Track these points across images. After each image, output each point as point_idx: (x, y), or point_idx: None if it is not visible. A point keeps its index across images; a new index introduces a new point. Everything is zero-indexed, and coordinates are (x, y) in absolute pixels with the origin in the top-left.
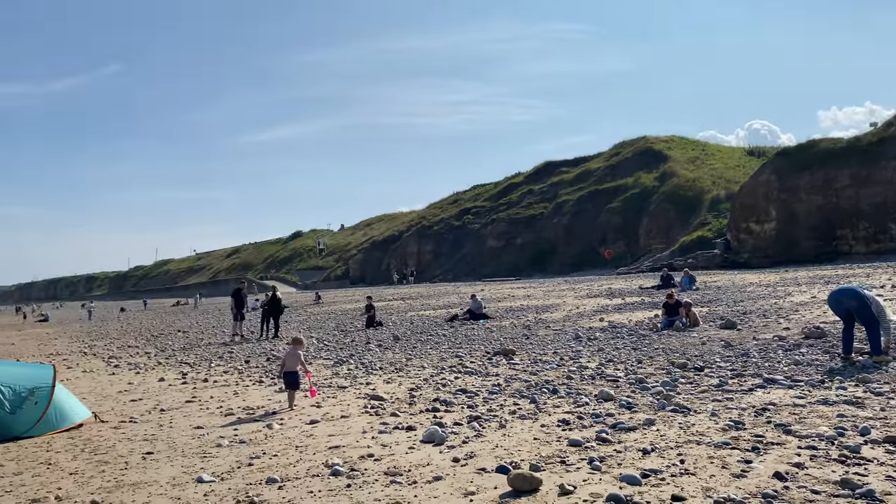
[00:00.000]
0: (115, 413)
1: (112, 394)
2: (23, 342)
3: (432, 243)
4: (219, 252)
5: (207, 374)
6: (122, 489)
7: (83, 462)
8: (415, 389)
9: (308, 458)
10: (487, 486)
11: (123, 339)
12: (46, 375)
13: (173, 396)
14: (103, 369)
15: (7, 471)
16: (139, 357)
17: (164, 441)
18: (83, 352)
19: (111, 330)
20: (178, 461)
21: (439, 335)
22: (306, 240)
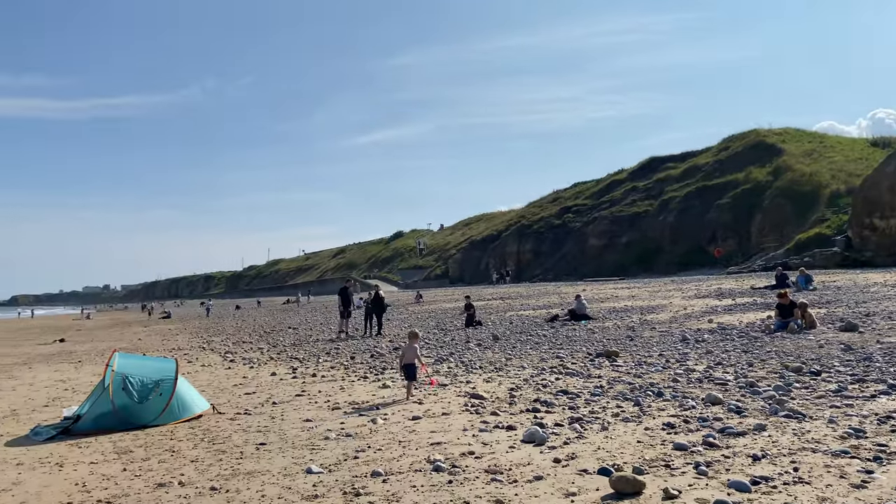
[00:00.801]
0: (231, 405)
1: (228, 387)
2: (148, 337)
3: (532, 242)
4: (325, 252)
5: (316, 369)
6: (238, 477)
7: (203, 451)
8: (515, 389)
9: (411, 453)
10: (589, 488)
11: (238, 335)
12: (170, 369)
13: (284, 390)
14: (220, 364)
15: (136, 456)
16: (253, 352)
17: (276, 433)
18: (202, 347)
19: (227, 326)
20: (289, 452)
21: (539, 335)
22: (407, 240)
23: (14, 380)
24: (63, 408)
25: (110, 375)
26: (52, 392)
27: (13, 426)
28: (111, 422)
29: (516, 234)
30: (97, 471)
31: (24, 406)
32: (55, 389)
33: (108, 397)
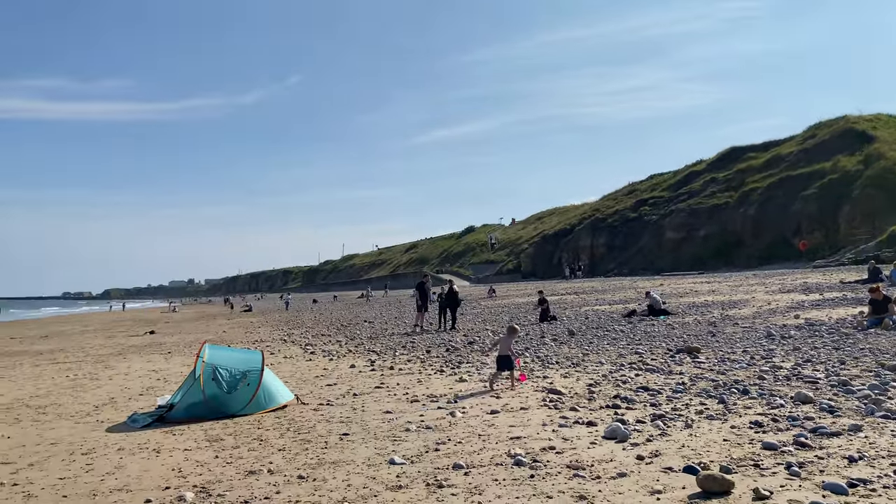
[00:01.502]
0: (314, 396)
1: (310, 378)
2: (232, 330)
3: (606, 236)
4: (398, 247)
5: (393, 362)
6: (324, 466)
7: (289, 440)
8: (593, 385)
9: (491, 446)
10: (675, 486)
11: (317, 328)
12: (256, 360)
13: (364, 382)
14: (301, 356)
15: (226, 444)
16: (331, 345)
17: (358, 424)
18: (283, 339)
19: (306, 320)
20: (372, 443)
21: (616, 331)
22: (478, 234)
23: (111, 369)
24: (157, 396)
25: (201, 366)
26: (145, 381)
27: (112, 413)
28: (202, 411)
29: (590, 227)
30: (191, 457)
31: (120, 394)
32: (148, 379)
33: (199, 387)
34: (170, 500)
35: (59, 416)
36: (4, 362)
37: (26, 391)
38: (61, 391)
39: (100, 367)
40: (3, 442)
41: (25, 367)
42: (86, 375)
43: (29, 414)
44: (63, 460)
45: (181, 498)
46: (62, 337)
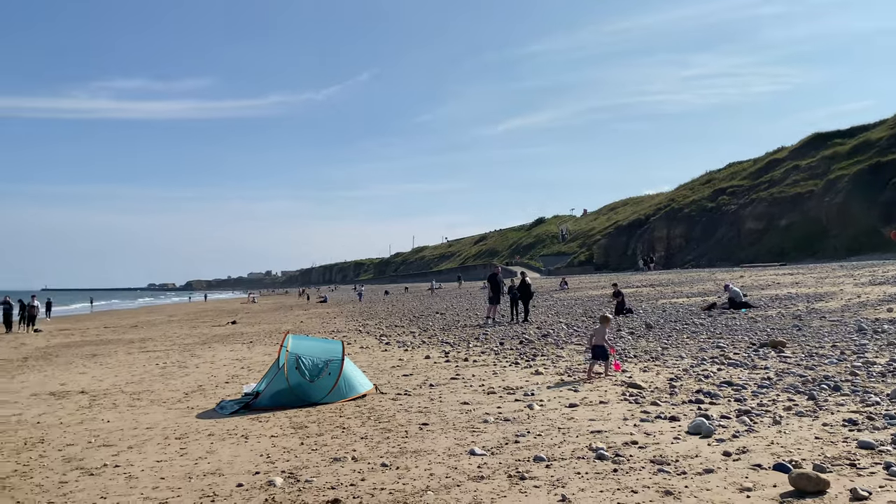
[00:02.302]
0: (392, 386)
1: (386, 368)
2: (309, 320)
3: (682, 227)
4: (467, 239)
5: (467, 353)
6: (406, 455)
7: (370, 428)
8: (674, 379)
9: (571, 440)
10: (765, 484)
11: (390, 319)
12: (337, 350)
13: (439, 373)
14: (376, 346)
15: (311, 431)
16: (405, 336)
17: (437, 414)
18: (358, 330)
19: (379, 311)
20: (451, 434)
21: (696, 324)
22: (549, 226)
23: (197, 358)
24: (242, 384)
25: (285, 355)
26: (230, 370)
27: (201, 400)
28: (286, 398)
29: (665, 218)
30: (278, 443)
31: (208, 382)
32: (232, 367)
33: (284, 376)
34: (260, 485)
35: (152, 402)
36: (101, 350)
37: (121, 378)
38: (153, 378)
39: (187, 355)
40: (103, 426)
41: (119, 355)
42: (174, 363)
43: (125, 399)
44: (158, 444)
45: (271, 482)
46: (150, 326)
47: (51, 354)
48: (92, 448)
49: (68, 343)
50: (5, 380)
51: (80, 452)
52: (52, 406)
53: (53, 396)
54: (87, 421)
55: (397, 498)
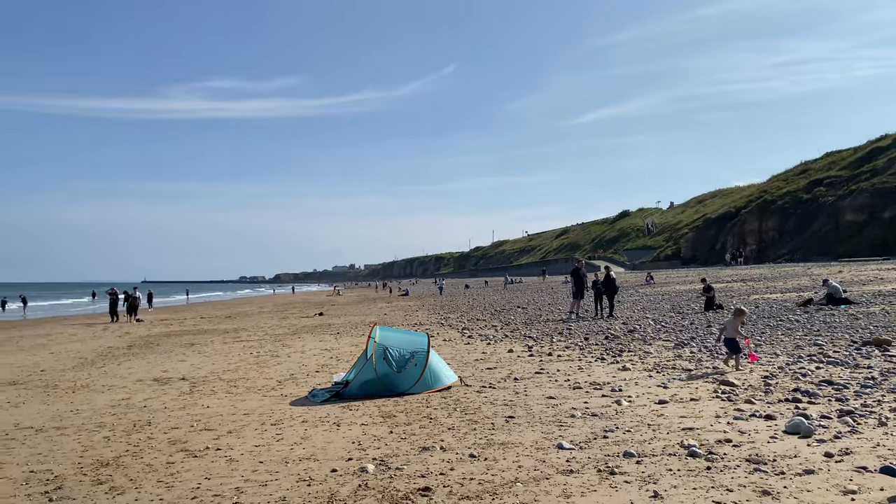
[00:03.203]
0: (476, 379)
1: (470, 361)
2: (392, 312)
3: (775, 219)
4: (548, 233)
5: (551, 348)
6: (493, 447)
7: (457, 419)
8: (769, 377)
9: (662, 436)
10: (871, 487)
11: (471, 312)
12: (423, 342)
13: (523, 367)
14: (459, 339)
15: (399, 421)
16: (487, 329)
17: (522, 408)
18: (440, 323)
19: (460, 304)
20: (538, 427)
21: (791, 320)
22: (634, 219)
23: (288, 348)
24: (332, 373)
25: (373, 346)
26: (320, 360)
27: (293, 388)
28: (375, 388)
29: (757, 210)
30: (368, 432)
31: (299, 371)
32: (322, 357)
33: (372, 366)
34: (353, 471)
35: (248, 389)
36: (198, 339)
37: (218, 366)
38: (248, 367)
39: (278, 345)
40: (204, 411)
41: (216, 345)
42: (267, 353)
43: (222, 386)
44: (256, 429)
45: (363, 469)
46: (243, 317)
47: (152, 343)
48: (194, 432)
49: (168, 332)
50: (114, 366)
51: (184, 435)
52: (157, 391)
53: (157, 382)
54: (189, 406)
55: (487, 489)
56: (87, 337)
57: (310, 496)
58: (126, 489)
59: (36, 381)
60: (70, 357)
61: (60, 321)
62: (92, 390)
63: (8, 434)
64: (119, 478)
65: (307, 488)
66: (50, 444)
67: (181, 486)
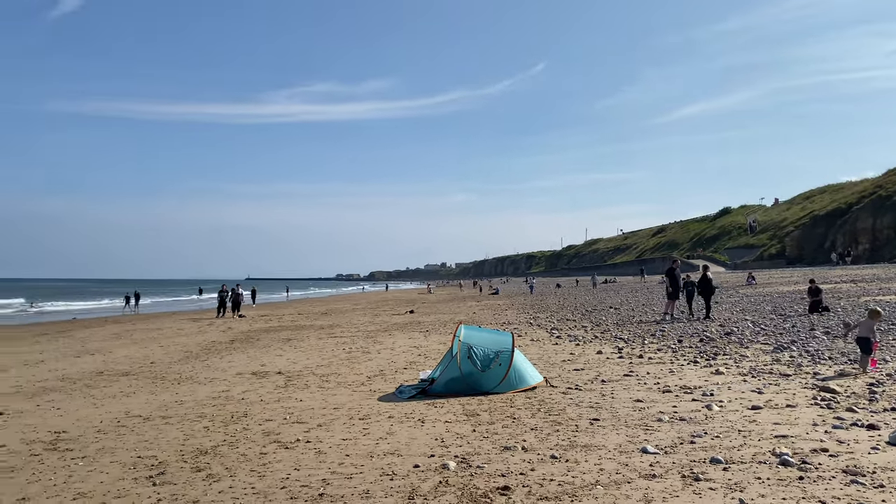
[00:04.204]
0: (562, 380)
1: (557, 362)
2: (481, 311)
3: (891, 216)
4: (644, 231)
5: (642, 350)
6: (576, 449)
7: (540, 420)
8: (875, 385)
9: (752, 443)
10: None
11: (561, 312)
12: (507, 342)
13: (611, 369)
14: (547, 339)
15: (482, 419)
16: (577, 330)
17: (608, 410)
18: (529, 322)
19: (550, 304)
20: (623, 430)
21: None
22: (735, 216)
23: (379, 344)
24: (419, 371)
25: (457, 345)
26: (408, 357)
27: (381, 384)
28: (459, 386)
29: (871, 207)
30: (451, 429)
31: (388, 367)
32: (411, 354)
33: (457, 364)
34: (435, 467)
35: (339, 384)
36: (295, 335)
37: (312, 361)
38: (340, 362)
39: (369, 341)
40: (297, 404)
41: (311, 340)
42: (359, 349)
43: (315, 381)
44: (344, 423)
45: (445, 465)
46: (337, 314)
47: (252, 338)
48: (287, 424)
49: (267, 328)
50: (216, 359)
51: (277, 427)
52: (254, 385)
53: (255, 376)
54: (283, 399)
55: (566, 490)
56: (193, 331)
57: (391, 490)
58: (222, 477)
59: (146, 373)
60: (177, 350)
61: (170, 316)
62: (195, 382)
63: (119, 421)
64: (216, 466)
65: (389, 482)
66: (155, 433)
67: (272, 475)
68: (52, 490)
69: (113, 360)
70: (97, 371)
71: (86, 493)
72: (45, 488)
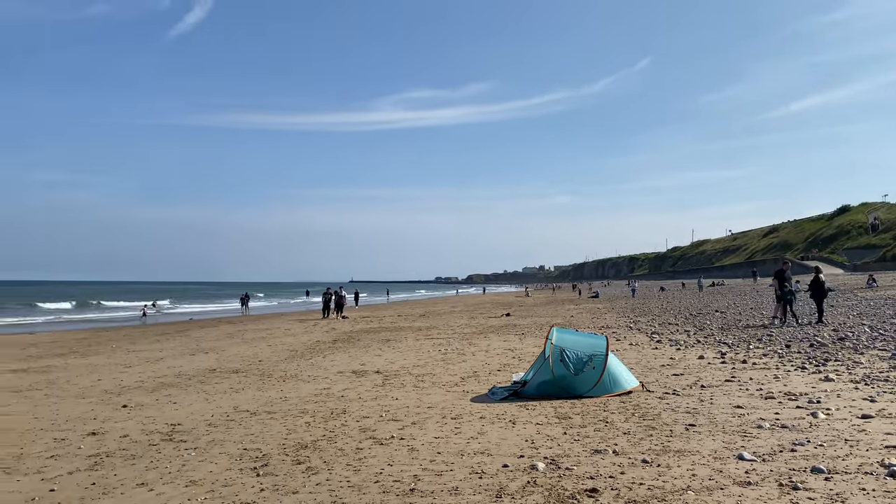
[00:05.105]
0: (659, 385)
1: (655, 367)
2: (579, 315)
3: None
4: (755, 231)
5: (746, 355)
6: (668, 454)
7: (633, 424)
8: None
9: (860, 453)
10: None
11: (664, 316)
12: (601, 345)
13: (712, 374)
14: (647, 343)
15: (574, 423)
16: (679, 334)
17: (705, 416)
18: (629, 326)
19: (653, 307)
20: (719, 436)
21: None
22: (855, 215)
23: (474, 346)
24: (512, 373)
25: (550, 348)
26: (502, 359)
27: (475, 385)
28: (551, 389)
29: None
30: (542, 431)
31: (482, 368)
32: (505, 357)
33: (549, 367)
34: (524, 468)
35: (434, 384)
36: (394, 336)
37: (409, 361)
38: (435, 363)
39: (465, 343)
40: (392, 402)
41: (408, 341)
42: (454, 351)
43: (411, 381)
44: (437, 422)
45: (533, 466)
46: (435, 316)
47: (354, 338)
48: (383, 421)
49: (368, 329)
50: (319, 358)
51: (373, 424)
52: (353, 383)
53: (355, 374)
54: (380, 398)
55: (655, 494)
56: (299, 331)
57: (480, 488)
58: (320, 470)
59: (254, 370)
60: (283, 349)
61: (278, 317)
62: (299, 380)
63: (228, 416)
64: (315, 459)
65: (478, 480)
66: (261, 427)
67: (367, 470)
68: (167, 477)
69: (225, 358)
70: (210, 368)
71: (196, 481)
72: (161, 475)
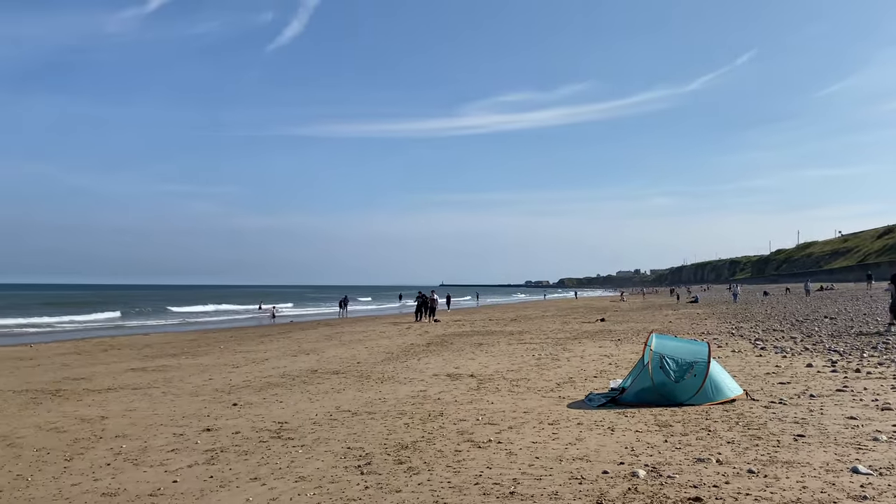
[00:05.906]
0: (765, 393)
1: (760, 374)
2: (678, 320)
3: None
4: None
5: (859, 364)
6: (776, 465)
7: (738, 434)
8: None
9: None
10: None
11: (768, 322)
12: (703, 352)
13: (822, 383)
14: (750, 350)
15: (675, 430)
16: (785, 341)
17: (815, 426)
18: (731, 333)
19: (756, 313)
20: (831, 448)
21: None
22: None
23: (568, 352)
24: (609, 379)
25: (649, 354)
26: (598, 365)
27: (571, 391)
28: (651, 396)
29: None
30: (642, 439)
31: (577, 375)
32: (601, 363)
33: (648, 374)
34: (624, 474)
35: (529, 389)
36: (486, 340)
37: (502, 365)
38: (529, 368)
39: (559, 349)
40: (488, 406)
41: (501, 345)
42: (548, 356)
43: (505, 385)
44: (534, 427)
45: (634, 474)
46: (526, 320)
47: (447, 342)
48: (479, 425)
49: (460, 332)
50: (414, 361)
51: (470, 427)
52: (449, 386)
53: (449, 378)
54: (476, 401)
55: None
56: (394, 334)
57: (580, 493)
58: (421, 470)
59: (353, 372)
60: (380, 352)
61: (373, 320)
62: (396, 382)
63: (331, 415)
64: (416, 460)
65: (578, 486)
66: (362, 426)
67: (466, 472)
68: (277, 473)
69: (325, 359)
70: (311, 369)
71: (305, 477)
72: (273, 471)
